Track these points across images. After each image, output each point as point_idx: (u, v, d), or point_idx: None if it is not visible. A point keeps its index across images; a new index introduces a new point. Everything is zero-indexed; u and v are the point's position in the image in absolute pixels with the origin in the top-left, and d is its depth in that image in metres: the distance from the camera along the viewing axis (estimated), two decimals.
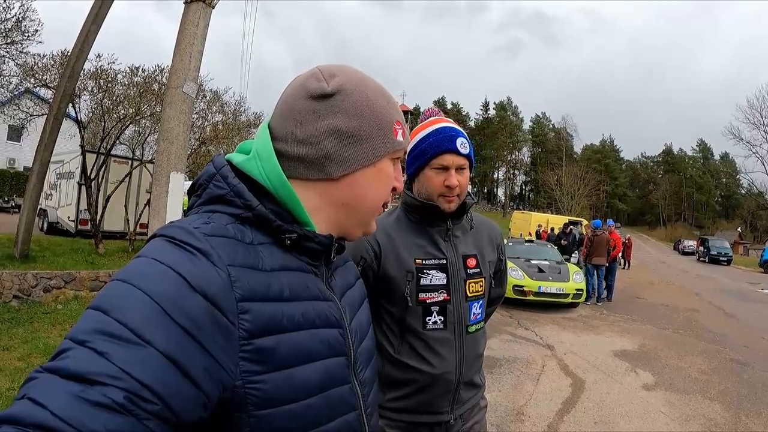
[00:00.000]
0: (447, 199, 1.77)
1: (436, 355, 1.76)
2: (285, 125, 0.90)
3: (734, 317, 12.77)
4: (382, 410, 1.82)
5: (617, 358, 7.76)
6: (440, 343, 1.77)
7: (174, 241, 0.76)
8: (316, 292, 0.89)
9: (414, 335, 1.77)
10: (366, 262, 1.78)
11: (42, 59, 11.83)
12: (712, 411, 5.64)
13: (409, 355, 1.77)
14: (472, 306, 1.83)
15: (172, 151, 7.22)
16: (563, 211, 64.17)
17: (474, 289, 1.84)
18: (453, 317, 1.78)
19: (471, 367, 1.84)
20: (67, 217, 15.98)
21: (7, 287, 7.62)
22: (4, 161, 33.85)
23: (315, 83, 0.90)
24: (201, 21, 7.40)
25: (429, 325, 1.76)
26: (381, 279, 1.79)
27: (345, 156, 0.89)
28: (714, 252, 41.35)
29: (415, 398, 1.78)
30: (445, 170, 1.76)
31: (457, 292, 1.80)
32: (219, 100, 16.81)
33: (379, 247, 1.79)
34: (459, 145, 1.75)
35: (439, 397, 1.78)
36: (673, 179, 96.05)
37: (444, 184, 1.75)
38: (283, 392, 0.78)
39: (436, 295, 1.77)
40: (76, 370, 0.61)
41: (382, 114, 0.93)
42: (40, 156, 9.42)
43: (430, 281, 1.77)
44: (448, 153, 1.75)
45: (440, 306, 1.77)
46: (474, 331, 1.84)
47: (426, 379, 1.76)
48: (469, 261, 1.85)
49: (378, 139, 0.92)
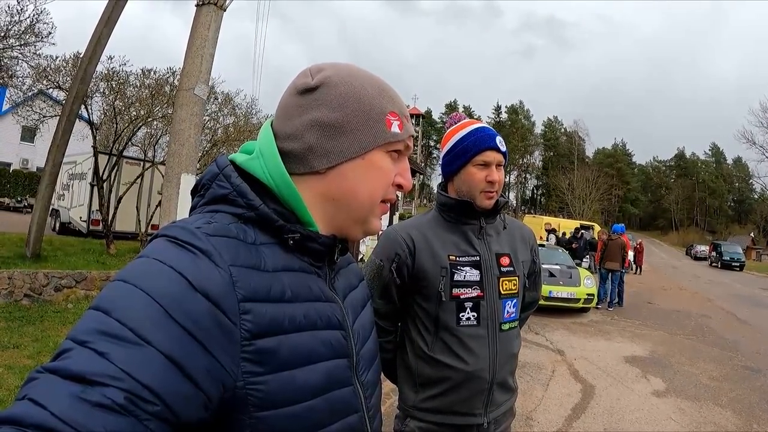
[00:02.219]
0: (488, 194, 1.82)
1: (469, 352, 1.78)
2: (278, 123, 0.92)
3: (747, 323, 12.62)
4: (413, 410, 1.87)
5: (628, 363, 7.70)
6: (474, 340, 1.79)
7: (176, 241, 0.75)
8: (318, 293, 0.88)
9: (448, 332, 1.80)
10: (400, 258, 1.84)
11: (55, 61, 11.94)
12: (723, 418, 5.57)
13: (443, 352, 1.80)
14: (505, 303, 1.85)
15: (183, 152, 7.25)
16: (575, 215, 63.84)
17: (507, 287, 1.87)
18: (486, 314, 1.81)
19: (504, 367, 1.85)
20: (79, 218, 16.13)
21: (18, 286, 7.67)
22: (18, 162, 34.25)
23: (302, 79, 0.91)
24: (212, 24, 7.42)
25: (462, 321, 1.79)
26: (415, 275, 1.83)
27: (327, 148, 0.88)
28: (726, 257, 40.96)
29: (448, 397, 1.80)
30: (487, 167, 1.82)
31: (490, 288, 1.83)
32: (230, 102, 16.87)
33: (413, 243, 1.85)
34: (499, 143, 1.83)
35: (472, 396, 1.80)
36: (685, 183, 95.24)
37: (486, 179, 1.81)
38: (284, 394, 0.77)
39: (469, 291, 1.80)
40: (76, 371, 0.60)
41: (371, 105, 0.90)
42: (53, 157, 9.50)
43: (464, 277, 1.81)
44: (490, 150, 1.82)
45: (474, 302, 1.80)
46: (507, 329, 1.86)
47: (459, 376, 1.78)
48: (503, 259, 1.88)
49: (365, 131, 0.90)
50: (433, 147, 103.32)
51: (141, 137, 15.03)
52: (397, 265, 1.84)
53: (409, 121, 0.97)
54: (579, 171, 79.27)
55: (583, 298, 11.60)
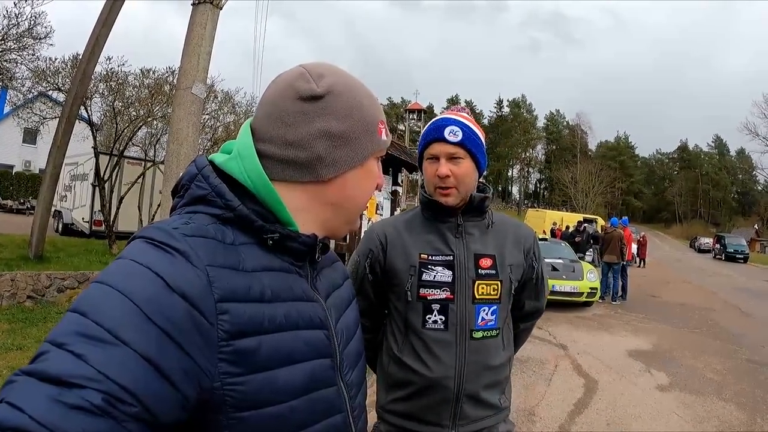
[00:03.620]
0: (441, 191, 1.71)
1: (433, 358, 1.68)
2: (272, 126, 0.89)
3: (751, 316, 12.60)
4: (383, 412, 1.81)
5: (631, 358, 7.68)
6: (439, 345, 1.68)
7: (153, 241, 0.75)
8: (299, 292, 0.88)
9: (415, 334, 1.71)
10: (373, 255, 1.80)
11: (54, 63, 11.94)
12: (727, 413, 5.55)
13: (409, 355, 1.72)
14: (479, 309, 1.70)
15: (181, 152, 7.23)
16: (578, 208, 63.76)
17: (485, 292, 1.71)
18: (456, 319, 1.68)
19: (477, 379, 1.70)
20: (81, 219, 16.17)
21: (21, 288, 7.69)
22: (21, 164, 34.33)
23: (304, 84, 0.89)
24: (209, 22, 7.40)
25: (429, 324, 1.69)
26: (387, 272, 1.78)
27: (336, 158, 0.89)
28: (730, 249, 40.91)
29: (412, 402, 1.73)
30: (436, 160, 1.71)
31: (462, 292, 1.70)
32: (231, 100, 16.87)
33: (386, 240, 1.79)
34: (447, 133, 1.68)
35: (436, 405, 1.70)
36: (688, 176, 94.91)
37: (435, 174, 1.70)
38: (264, 394, 0.77)
39: (438, 292, 1.70)
40: (53, 373, 0.60)
41: (369, 114, 0.93)
42: (53, 158, 9.51)
43: (433, 277, 1.70)
44: (435, 142, 1.71)
45: (441, 305, 1.69)
46: (481, 337, 1.70)
47: (422, 381, 1.69)
48: (483, 261, 1.73)
49: (366, 140, 0.93)
50: None
51: (142, 137, 15.05)
52: (370, 261, 1.80)
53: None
54: (582, 164, 79.14)
55: (586, 291, 11.59)
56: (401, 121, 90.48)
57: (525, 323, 2.00)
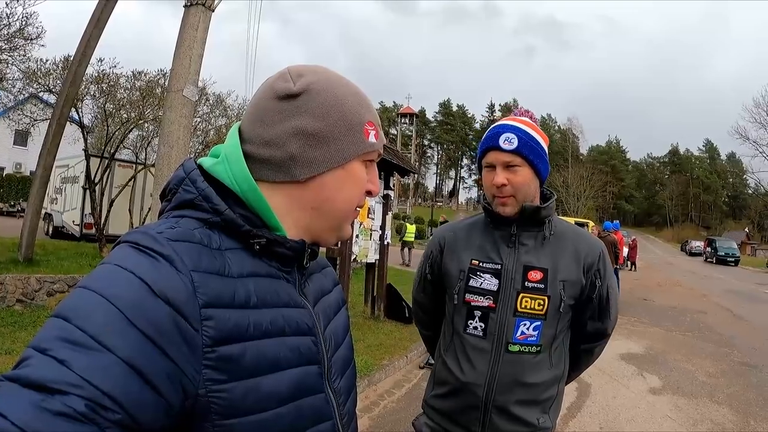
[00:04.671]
0: (499, 200, 1.70)
1: (468, 362, 1.71)
2: (252, 126, 0.89)
3: (743, 319, 12.67)
4: (425, 405, 1.90)
5: (624, 361, 7.69)
6: (476, 351, 1.70)
7: (137, 246, 0.74)
8: (286, 298, 0.87)
9: (458, 337, 1.76)
10: (433, 256, 1.88)
11: (45, 64, 11.85)
12: (720, 415, 5.57)
13: (450, 356, 1.78)
14: (519, 323, 1.66)
15: (172, 155, 7.18)
16: (570, 212, 63.99)
17: (528, 306, 1.66)
18: (494, 328, 1.68)
19: (508, 393, 1.67)
20: (72, 222, 16.03)
21: (10, 291, 7.60)
22: (11, 166, 34.12)
23: (282, 83, 0.89)
24: (200, 24, 7.36)
25: (469, 329, 1.73)
26: (441, 274, 1.84)
27: (310, 158, 0.87)
28: (721, 253, 41.14)
29: (447, 402, 1.77)
30: (493, 169, 1.69)
31: (505, 302, 1.68)
32: (222, 103, 16.79)
33: (444, 243, 1.86)
34: (502, 141, 1.66)
35: (466, 409, 1.72)
36: (679, 180, 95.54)
37: (492, 183, 1.69)
38: (249, 402, 0.76)
39: (482, 299, 1.70)
40: (35, 379, 0.60)
41: (352, 114, 0.90)
42: (44, 161, 9.42)
43: (479, 284, 1.71)
44: (490, 150, 1.70)
45: (483, 312, 1.70)
46: (518, 351, 1.66)
47: (455, 383, 1.73)
48: (532, 273, 1.68)
49: (346, 141, 0.89)
50: (427, 146, 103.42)
51: (133, 139, 14.94)
52: (430, 261, 1.90)
53: (381, 129, 0.97)
54: (573, 168, 79.46)
55: None
56: (393, 125, 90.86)
57: (587, 345, 1.89)
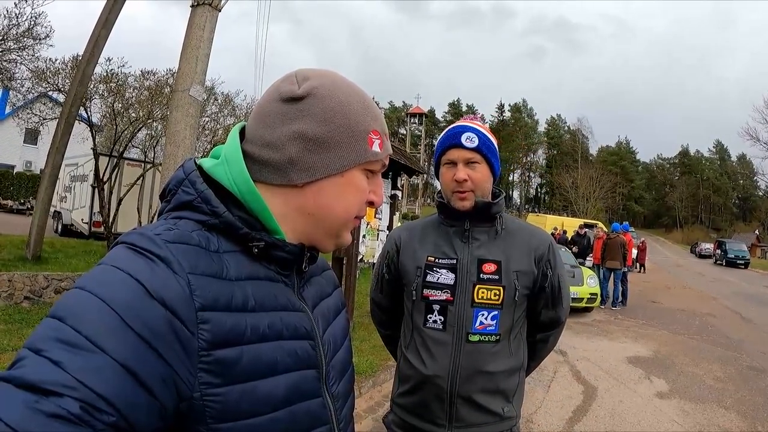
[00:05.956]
0: (459, 195, 1.77)
1: (430, 356, 1.77)
2: (255, 127, 0.89)
3: (752, 322, 12.56)
4: (392, 403, 1.94)
5: (631, 364, 7.64)
6: (436, 344, 1.76)
7: (134, 247, 0.74)
8: (284, 302, 0.86)
9: (417, 332, 1.81)
10: (389, 255, 1.94)
11: (54, 63, 11.91)
12: (728, 421, 5.51)
13: (412, 352, 1.83)
14: (478, 313, 1.74)
15: (179, 154, 7.19)
16: (579, 213, 63.73)
17: (485, 296, 1.74)
18: (453, 320, 1.75)
19: (470, 382, 1.73)
20: (80, 220, 16.15)
21: (18, 288, 7.64)
22: (21, 164, 34.39)
23: (287, 86, 0.88)
24: (207, 24, 7.37)
25: (429, 323, 1.78)
26: (399, 272, 1.90)
27: (309, 163, 0.86)
28: (731, 255, 40.82)
29: (413, 397, 1.82)
30: (454, 165, 1.78)
31: (462, 295, 1.75)
32: (230, 103, 16.82)
33: (400, 242, 1.92)
34: (464, 140, 1.76)
35: (431, 402, 1.78)
36: (689, 181, 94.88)
37: (453, 179, 1.76)
38: (245, 405, 0.75)
39: (439, 294, 1.77)
40: (30, 380, 0.59)
41: (356, 122, 0.89)
42: (52, 159, 9.49)
43: (436, 279, 1.78)
44: (453, 148, 1.78)
45: (441, 305, 1.76)
46: (477, 341, 1.74)
47: (418, 377, 1.78)
48: (486, 266, 1.77)
49: (348, 148, 0.88)
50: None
51: (141, 138, 15.00)
52: (387, 261, 1.95)
53: (389, 139, 0.96)
54: (583, 169, 79.10)
55: (586, 297, 11.56)
56: (402, 125, 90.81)
57: (542, 334, 1.97)
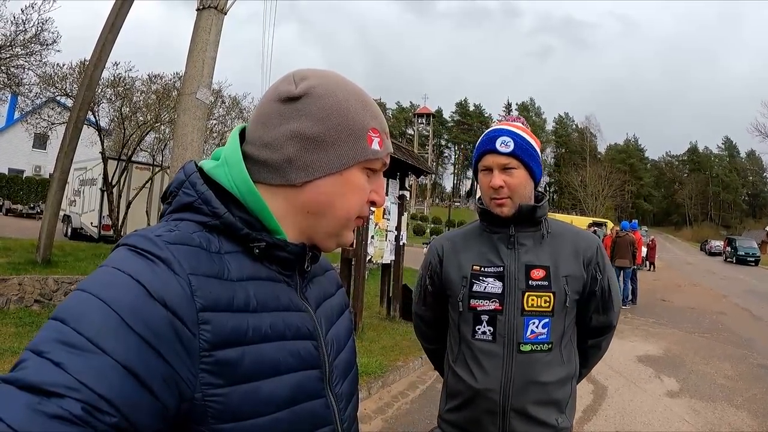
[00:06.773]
0: (496, 201, 1.72)
1: (480, 368, 1.69)
2: (255, 128, 0.89)
3: (762, 320, 12.46)
4: (440, 420, 1.86)
5: (641, 363, 7.61)
6: (487, 356, 1.69)
7: (135, 249, 0.74)
8: (287, 302, 0.86)
9: (466, 344, 1.74)
10: (432, 267, 1.87)
11: (62, 69, 12.01)
12: (739, 420, 5.47)
13: (461, 365, 1.75)
14: (528, 322, 1.67)
15: (186, 157, 7.19)
16: (588, 212, 63.50)
17: (534, 304, 1.68)
18: (504, 330, 1.67)
19: (524, 394, 1.66)
20: (90, 223, 16.25)
21: (28, 292, 7.71)
22: (31, 169, 34.69)
23: (285, 86, 0.88)
24: (213, 27, 7.40)
25: (477, 335, 1.71)
26: (443, 284, 1.83)
27: (307, 162, 0.86)
28: (741, 252, 40.53)
29: (463, 413, 1.74)
30: (490, 171, 1.73)
31: (511, 303, 1.68)
32: (238, 105, 16.90)
33: (443, 252, 1.85)
34: (498, 145, 1.70)
35: (483, 417, 1.69)
36: (698, 178, 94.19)
37: (489, 185, 1.72)
38: (247, 406, 0.75)
39: (487, 303, 1.70)
40: (32, 381, 0.60)
41: (354, 120, 0.88)
42: (61, 163, 9.54)
43: (483, 288, 1.71)
44: (487, 154, 1.73)
45: (490, 316, 1.69)
46: (530, 350, 1.67)
47: (469, 393, 1.71)
48: (534, 272, 1.70)
49: (346, 146, 0.88)
50: (444, 146, 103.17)
51: (150, 142, 15.10)
52: (429, 273, 1.88)
53: (389, 138, 0.96)
54: (591, 167, 78.92)
55: None
56: (410, 125, 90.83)
57: (593, 339, 1.90)
